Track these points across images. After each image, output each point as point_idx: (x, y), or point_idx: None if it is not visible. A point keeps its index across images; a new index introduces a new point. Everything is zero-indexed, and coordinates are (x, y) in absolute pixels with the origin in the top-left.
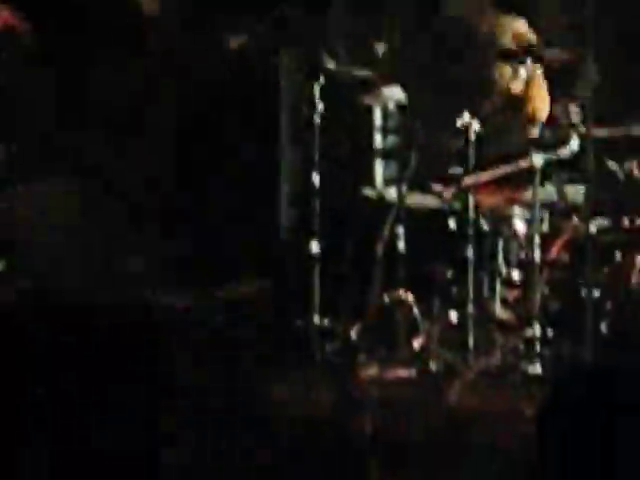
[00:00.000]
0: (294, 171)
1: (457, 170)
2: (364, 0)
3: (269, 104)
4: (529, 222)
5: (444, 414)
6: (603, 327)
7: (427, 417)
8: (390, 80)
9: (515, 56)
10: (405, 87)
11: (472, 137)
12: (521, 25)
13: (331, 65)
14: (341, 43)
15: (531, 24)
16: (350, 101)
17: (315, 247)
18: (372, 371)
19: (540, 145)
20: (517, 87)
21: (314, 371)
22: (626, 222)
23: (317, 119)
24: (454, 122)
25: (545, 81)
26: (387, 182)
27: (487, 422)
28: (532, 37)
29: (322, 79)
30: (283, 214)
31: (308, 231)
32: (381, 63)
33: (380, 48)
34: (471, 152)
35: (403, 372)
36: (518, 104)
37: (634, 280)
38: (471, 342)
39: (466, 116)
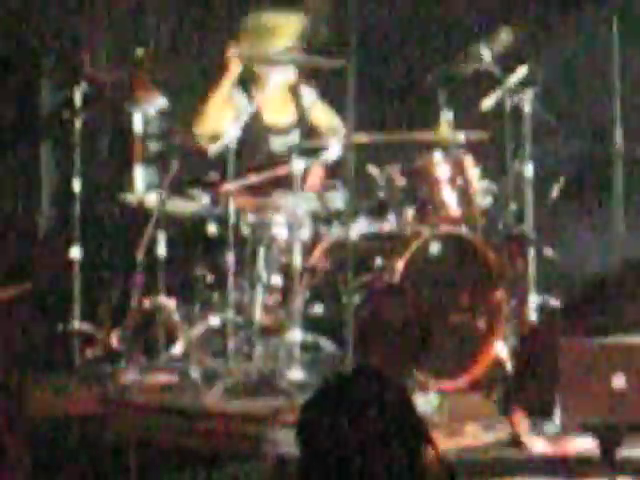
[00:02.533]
0: (54, 175)
1: (217, 175)
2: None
3: (29, 107)
4: (290, 228)
5: (204, 420)
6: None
7: (188, 422)
8: (151, 85)
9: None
10: (167, 92)
11: (233, 142)
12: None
13: (93, 69)
14: (102, 47)
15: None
16: (111, 106)
17: (75, 252)
18: (132, 376)
19: (301, 151)
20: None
21: (74, 376)
22: (387, 228)
23: (78, 123)
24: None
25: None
26: (148, 187)
27: (248, 428)
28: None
29: (83, 84)
30: (43, 218)
31: (68, 236)
32: (142, 68)
33: (140, 52)
34: (231, 157)
35: (163, 378)
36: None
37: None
38: (232, 347)
39: (228, 122)
